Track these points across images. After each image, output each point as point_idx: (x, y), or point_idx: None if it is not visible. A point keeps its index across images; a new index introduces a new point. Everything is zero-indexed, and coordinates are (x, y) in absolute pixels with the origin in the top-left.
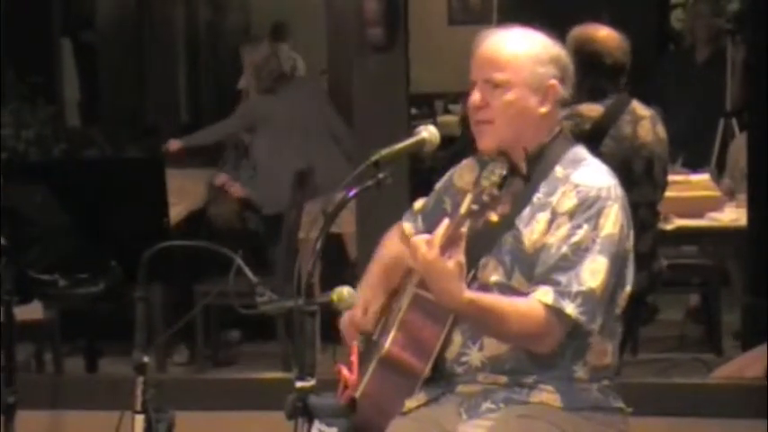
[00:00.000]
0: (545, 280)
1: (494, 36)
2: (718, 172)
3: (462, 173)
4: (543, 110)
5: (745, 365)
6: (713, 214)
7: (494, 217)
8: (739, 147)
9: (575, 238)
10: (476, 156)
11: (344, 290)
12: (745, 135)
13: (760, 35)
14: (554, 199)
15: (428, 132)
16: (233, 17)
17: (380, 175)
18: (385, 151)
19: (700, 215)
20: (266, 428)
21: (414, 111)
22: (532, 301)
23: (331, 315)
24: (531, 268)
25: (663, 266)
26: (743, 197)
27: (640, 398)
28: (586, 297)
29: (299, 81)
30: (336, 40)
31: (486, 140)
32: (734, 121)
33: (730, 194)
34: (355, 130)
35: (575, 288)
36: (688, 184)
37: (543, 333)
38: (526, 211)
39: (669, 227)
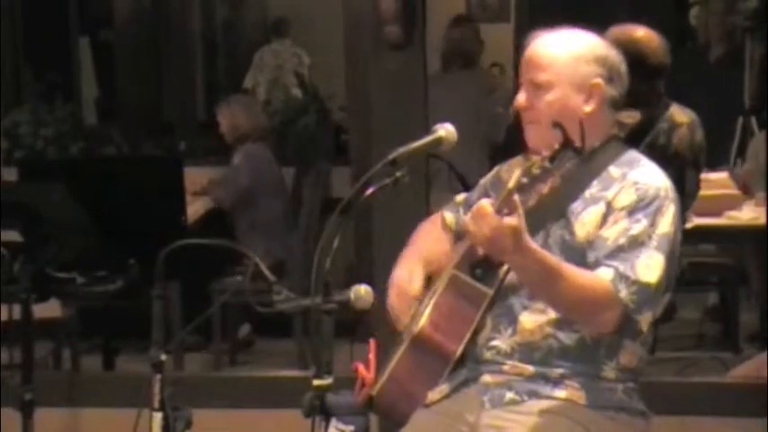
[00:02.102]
0: (603, 264)
1: (540, 39)
2: (737, 170)
3: (510, 169)
4: (588, 109)
5: (763, 364)
6: (732, 213)
7: (544, 189)
8: (758, 145)
9: (632, 232)
10: (524, 153)
11: (361, 288)
12: (764, 133)
13: None
14: (609, 194)
15: (445, 131)
16: (249, 14)
17: (398, 174)
18: (402, 150)
19: (718, 214)
20: (283, 426)
21: None
22: (595, 275)
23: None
24: (581, 259)
25: (683, 266)
26: (762, 195)
27: (658, 396)
28: (641, 288)
29: (475, 70)
30: (353, 38)
31: (534, 139)
32: (752, 120)
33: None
34: (372, 129)
35: (632, 276)
36: (707, 182)
37: (603, 306)
38: (577, 204)
39: (687, 225)
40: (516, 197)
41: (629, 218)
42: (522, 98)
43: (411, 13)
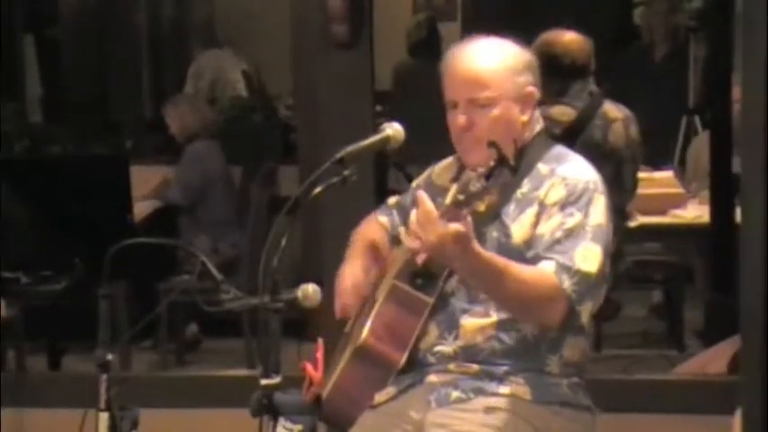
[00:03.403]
0: (543, 257)
1: (466, 53)
2: (681, 169)
3: (441, 171)
4: (525, 118)
5: (707, 361)
6: (676, 211)
7: (481, 207)
8: (700, 144)
9: (567, 225)
10: (455, 155)
11: (309, 287)
12: (707, 133)
13: (721, 33)
14: (541, 192)
15: (392, 129)
16: (196, 13)
17: (345, 173)
18: (350, 148)
19: (663, 212)
20: (231, 426)
21: (378, 108)
22: (539, 269)
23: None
24: (518, 261)
25: (628, 266)
26: (705, 194)
27: (604, 394)
28: (582, 278)
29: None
30: (300, 37)
31: (475, 157)
32: (696, 119)
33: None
34: (320, 128)
35: (573, 266)
36: (651, 181)
37: (549, 299)
38: (511, 207)
39: (633, 224)
40: (466, 213)
41: (561, 212)
42: (463, 120)
43: (358, 13)
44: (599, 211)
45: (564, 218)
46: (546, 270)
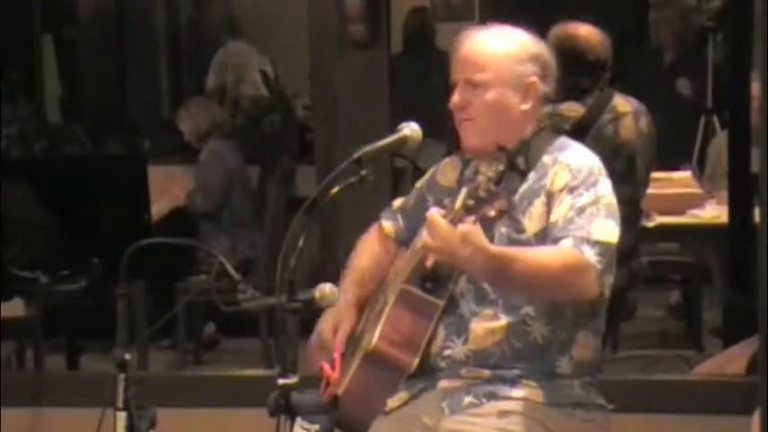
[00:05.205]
0: (559, 238)
1: (473, 36)
2: (700, 169)
3: (445, 171)
4: (524, 107)
5: (725, 362)
6: (694, 211)
7: (491, 212)
8: (719, 144)
9: (578, 204)
10: (458, 153)
11: (327, 287)
12: (725, 133)
13: (739, 33)
14: (546, 181)
15: (410, 130)
16: (214, 14)
17: (363, 173)
18: (367, 148)
19: (681, 212)
20: (248, 425)
21: None
22: (556, 247)
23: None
24: None
25: (643, 264)
26: (724, 194)
27: (621, 395)
28: (603, 248)
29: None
30: (319, 37)
31: (470, 138)
32: (715, 119)
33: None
34: (337, 128)
35: (591, 238)
36: (669, 181)
37: (574, 271)
38: (518, 199)
39: (650, 224)
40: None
41: (570, 195)
42: (457, 98)
43: (376, 13)
44: (607, 192)
45: (573, 199)
46: (564, 246)
